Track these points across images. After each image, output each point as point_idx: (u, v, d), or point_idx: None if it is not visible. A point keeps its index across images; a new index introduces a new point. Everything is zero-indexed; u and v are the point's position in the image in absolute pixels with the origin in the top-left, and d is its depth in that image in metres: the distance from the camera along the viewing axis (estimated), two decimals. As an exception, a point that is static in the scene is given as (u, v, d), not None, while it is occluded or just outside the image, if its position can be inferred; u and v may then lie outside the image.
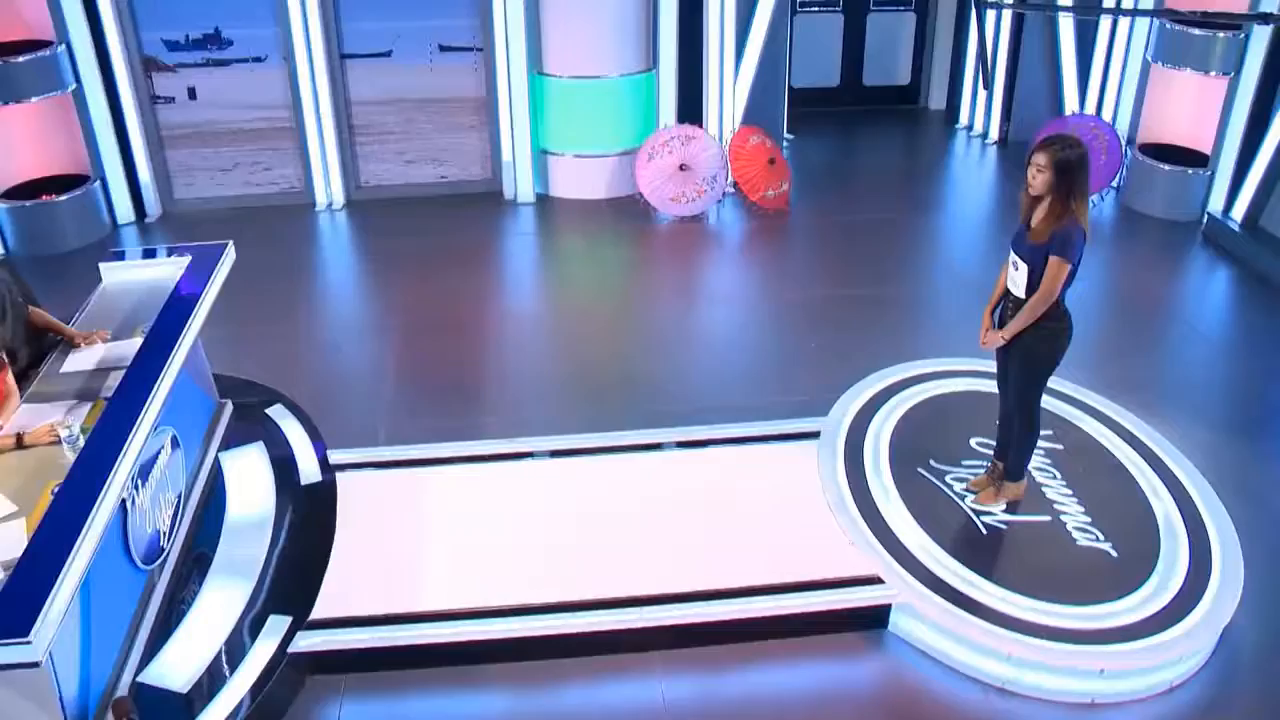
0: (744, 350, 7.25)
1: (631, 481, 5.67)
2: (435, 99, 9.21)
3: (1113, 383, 6.48)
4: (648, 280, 8.44)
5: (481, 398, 6.66)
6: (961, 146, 10.72)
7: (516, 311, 7.84)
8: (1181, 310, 7.86)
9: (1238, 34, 8.44)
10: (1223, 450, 6.06)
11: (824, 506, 5.39)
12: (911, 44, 11.37)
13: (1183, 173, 8.94)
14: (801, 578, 4.93)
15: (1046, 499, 5.40)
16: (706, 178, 8.97)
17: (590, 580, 4.95)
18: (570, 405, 6.54)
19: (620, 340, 7.36)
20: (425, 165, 9.43)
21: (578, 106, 9.13)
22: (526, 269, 8.65)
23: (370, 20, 8.82)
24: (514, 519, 5.38)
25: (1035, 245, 4.73)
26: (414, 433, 6.17)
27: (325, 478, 5.55)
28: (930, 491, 5.48)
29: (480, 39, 8.97)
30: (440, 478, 5.69)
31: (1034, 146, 4.72)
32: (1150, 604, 4.76)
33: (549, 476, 5.72)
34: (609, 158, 9.30)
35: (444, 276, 8.09)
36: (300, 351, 7.14)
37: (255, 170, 9.20)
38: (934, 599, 4.79)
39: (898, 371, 6.49)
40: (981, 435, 5.79)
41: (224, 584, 4.83)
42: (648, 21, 9.00)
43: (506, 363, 7.10)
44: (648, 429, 6.09)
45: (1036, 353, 4.94)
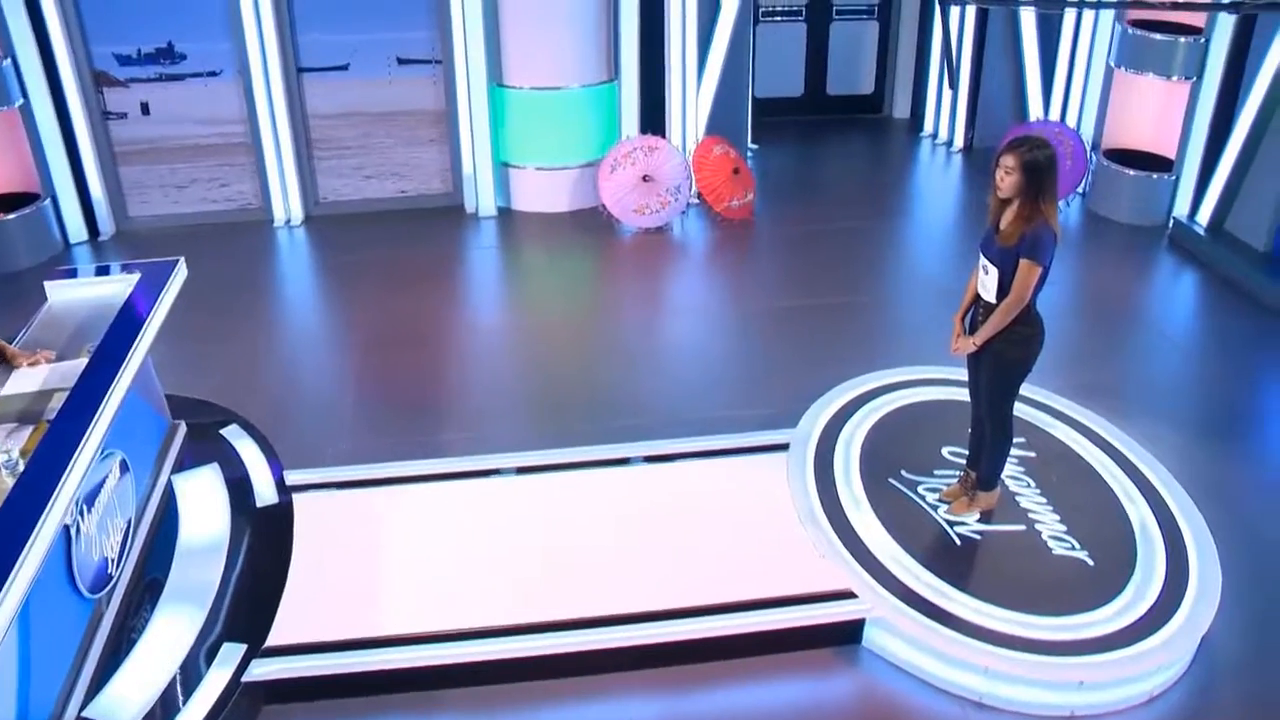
0: (711, 362, 7.15)
1: (599, 498, 5.53)
2: (394, 112, 9.07)
3: (1083, 388, 6.42)
4: (612, 293, 8.33)
5: (444, 414, 6.52)
6: (926, 154, 10.68)
7: (479, 326, 7.70)
8: (1149, 314, 7.83)
9: (1199, 38, 8.44)
10: (1194, 454, 6.01)
11: (794, 520, 5.28)
12: (875, 53, 11.34)
13: (1147, 177, 8.93)
14: (773, 593, 4.80)
15: (1020, 508, 5.31)
16: (670, 188, 8.87)
17: (557, 601, 4.81)
18: (535, 421, 6.41)
19: (585, 354, 7.23)
20: (385, 180, 9.29)
21: (539, 118, 9.02)
22: (489, 283, 8.52)
23: (327, 33, 8.68)
24: (478, 539, 5.23)
25: (1005, 248, 4.64)
26: (374, 451, 6.01)
27: (282, 499, 5.39)
28: (902, 502, 5.38)
29: (439, 51, 8.84)
30: (402, 497, 5.53)
31: (1001, 148, 4.64)
32: (1128, 613, 4.67)
33: (514, 494, 5.58)
34: (571, 170, 9.19)
35: (405, 292, 7.94)
36: (257, 370, 6.97)
37: (212, 187, 9.02)
38: (908, 612, 4.67)
39: (867, 381, 6.40)
40: (953, 444, 5.70)
41: (176, 611, 4.66)
42: (609, 31, 8.91)
43: (470, 378, 6.95)
44: (614, 443, 5.97)
45: (1008, 358, 4.85)
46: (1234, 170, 8.31)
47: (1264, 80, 7.99)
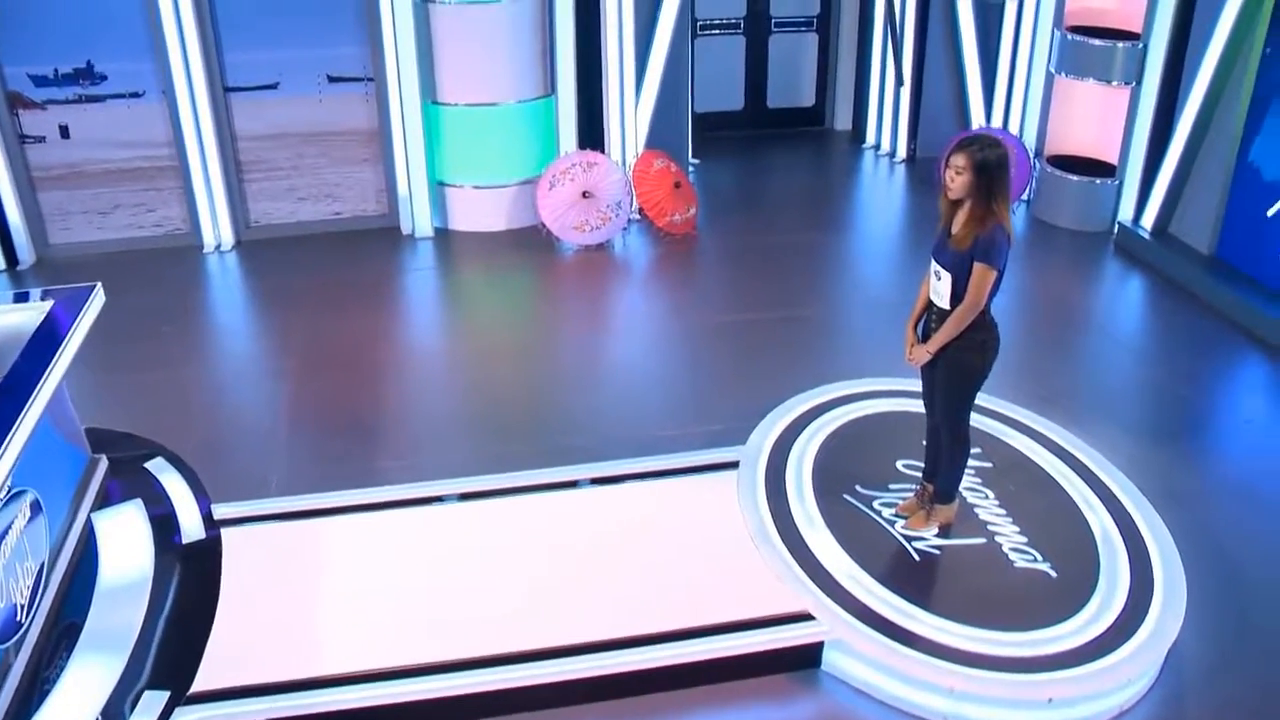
0: (657, 380, 6.96)
1: (545, 523, 5.32)
2: (326, 132, 8.81)
3: (1037, 395, 6.33)
4: (554, 312, 8.12)
5: (382, 441, 6.27)
6: (870, 165, 10.60)
7: (418, 350, 7.47)
8: (1099, 320, 7.78)
9: (1137, 43, 8.43)
10: (1150, 458, 5.93)
11: (747, 540, 5.09)
12: (815, 65, 11.24)
13: (1091, 183, 8.90)
14: (727, 618, 4.61)
15: (980, 520, 5.16)
16: (611, 204, 8.69)
17: (504, 633, 4.58)
18: (478, 445, 6.18)
19: (528, 376, 7.02)
20: (318, 202, 9.02)
21: (475, 135, 8.81)
22: (427, 305, 8.28)
23: (254, 51, 8.41)
24: (420, 570, 5.00)
25: (958, 252, 4.50)
26: (309, 481, 5.75)
27: (209, 534, 5.11)
28: (858, 519, 5.21)
29: (371, 68, 8.60)
30: (338, 529, 5.28)
31: (951, 148, 4.51)
32: (1095, 624, 4.53)
33: (457, 522, 5.35)
34: (509, 188, 8.98)
35: (341, 316, 7.69)
36: (186, 400, 6.67)
37: (138, 212, 8.70)
38: (868, 633, 4.50)
39: (817, 395, 6.25)
40: (908, 457, 5.55)
41: (95, 658, 4.37)
42: (544, 45, 8.72)
43: (409, 403, 6.71)
44: (560, 466, 5.75)
45: (964, 366, 4.71)
46: (1176, 174, 8.29)
47: (1202, 84, 7.98)
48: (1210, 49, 7.89)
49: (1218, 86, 7.93)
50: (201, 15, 8.12)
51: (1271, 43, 7.52)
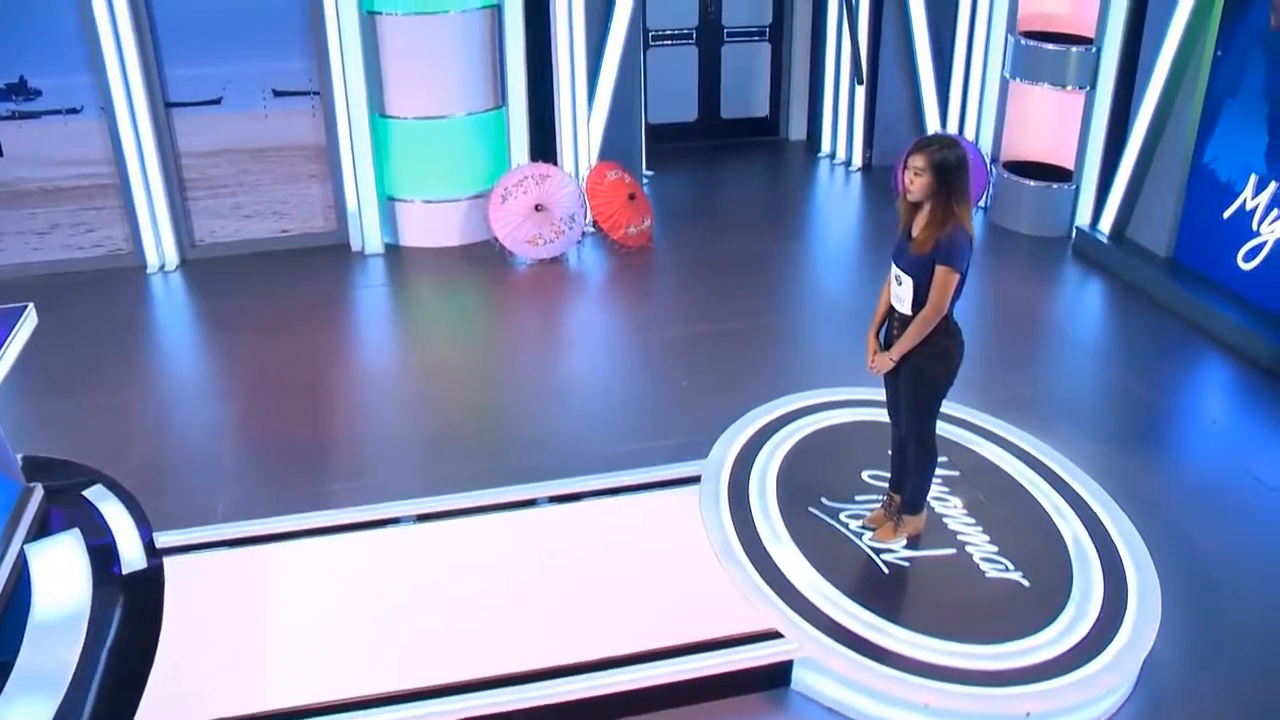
0: (615, 395, 6.82)
1: (504, 544, 5.14)
2: (272, 148, 8.60)
3: (1001, 402, 6.24)
4: (508, 328, 7.95)
5: (334, 463, 6.07)
6: (825, 175, 10.53)
7: (370, 369, 7.27)
8: (1060, 324, 7.74)
9: (1090, 48, 8.42)
10: (1117, 462, 5.86)
11: (711, 557, 4.94)
12: (768, 75, 11.17)
13: (1048, 188, 8.88)
14: (692, 638, 4.45)
15: (949, 530, 5.04)
16: (564, 217, 8.54)
17: (464, 659, 4.40)
18: (433, 465, 6.00)
19: (483, 393, 6.85)
20: (265, 219, 8.80)
21: (424, 149, 8.64)
22: (379, 323, 8.08)
23: (196, 66, 8.19)
24: (375, 595, 4.80)
25: (919, 256, 4.39)
26: (257, 506, 5.53)
27: (151, 564, 4.88)
28: (824, 532, 5.08)
29: (317, 82, 8.41)
30: (289, 554, 5.07)
31: (910, 149, 4.40)
32: (1071, 634, 4.42)
33: (413, 544, 5.16)
34: (460, 202, 8.81)
35: (290, 336, 7.48)
36: (128, 425, 6.44)
37: (77, 232, 8.45)
38: (839, 650, 4.36)
39: (778, 406, 6.12)
40: (873, 468, 5.43)
41: (26, 698, 4.13)
42: (494, 56, 8.58)
43: (361, 424, 6.52)
44: (518, 485, 5.57)
45: (928, 373, 4.59)
46: (1132, 178, 8.28)
47: (1155, 87, 7.98)
48: (1162, 53, 7.89)
49: (1171, 90, 7.92)
50: (141, 28, 7.90)
51: (1222, 45, 7.52)
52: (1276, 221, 7.20)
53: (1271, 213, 7.23)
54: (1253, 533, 5.40)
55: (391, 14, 8.18)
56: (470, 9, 8.29)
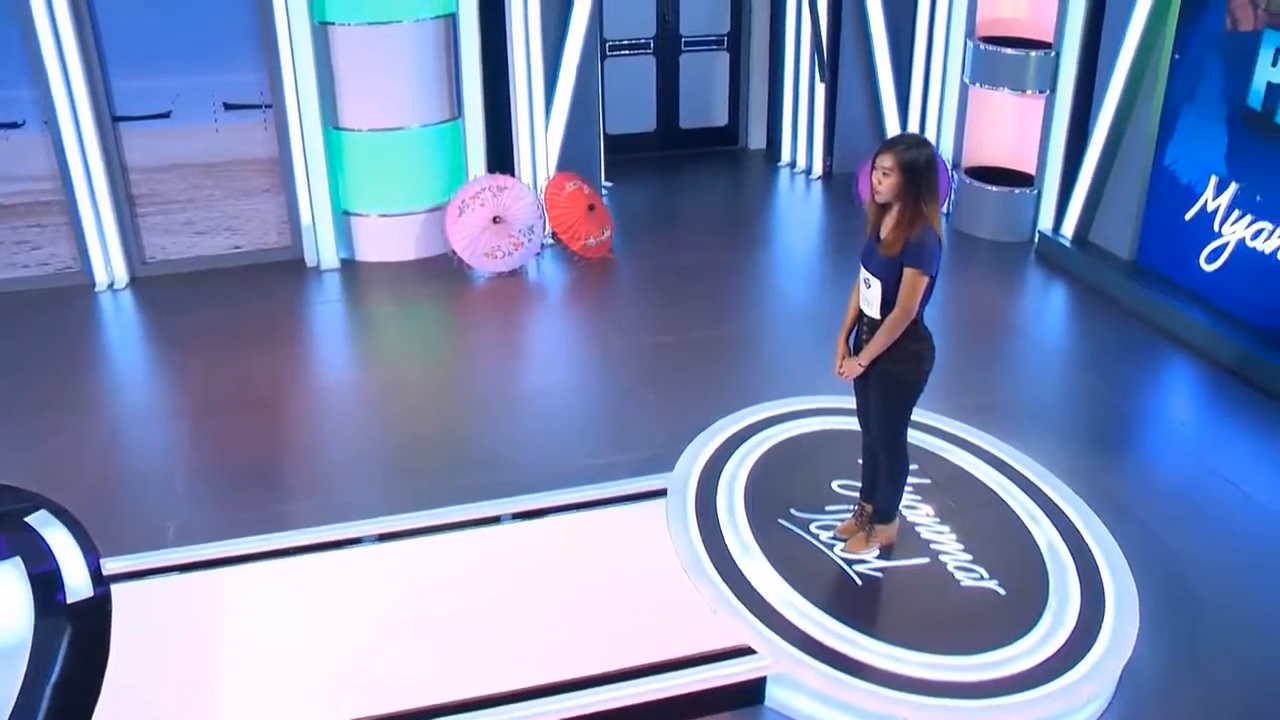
0: (578, 408, 6.69)
1: (469, 562, 5.00)
2: (223, 162, 8.40)
3: (970, 408, 6.18)
4: (468, 343, 7.80)
5: (291, 483, 5.91)
6: (785, 183, 10.46)
7: (327, 386, 7.10)
8: (1025, 329, 7.71)
9: (1049, 52, 8.41)
10: (1088, 466, 5.81)
11: (679, 571, 4.82)
12: (727, 84, 11.10)
13: (1010, 193, 8.85)
14: (662, 656, 4.33)
15: (922, 539, 4.96)
16: (523, 229, 8.41)
17: (428, 682, 4.26)
18: (393, 483, 5.85)
19: (443, 409, 6.70)
20: (217, 235, 8.60)
21: (379, 161, 8.47)
22: (335, 340, 7.91)
23: (144, 79, 7.98)
24: (336, 618, 4.65)
25: (888, 258, 4.30)
26: (211, 529, 5.36)
27: (98, 591, 4.70)
28: (795, 544, 4.97)
29: (269, 94, 8.23)
30: (244, 578, 4.91)
31: (878, 149, 4.31)
32: (1049, 642, 4.34)
33: (375, 565, 5.01)
34: (417, 215, 8.65)
35: (244, 354, 7.29)
36: (75, 448, 6.23)
37: (21, 250, 8.20)
38: (813, 664, 4.26)
39: (744, 416, 6.03)
40: (844, 477, 5.34)
41: (-34, 736, 3.97)
42: (449, 67, 8.44)
43: (319, 442, 6.36)
44: (481, 502, 5.43)
45: (899, 379, 4.50)
46: (1094, 181, 8.26)
47: (1115, 91, 7.97)
48: (1121, 56, 7.88)
49: (1130, 93, 7.92)
50: (85, 40, 7.69)
51: (1180, 48, 7.52)
52: (1238, 222, 7.19)
53: (1233, 214, 7.22)
54: (1225, 535, 5.36)
55: (344, 24, 8.03)
56: (424, 18, 8.15)
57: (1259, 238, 7.05)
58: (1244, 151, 7.11)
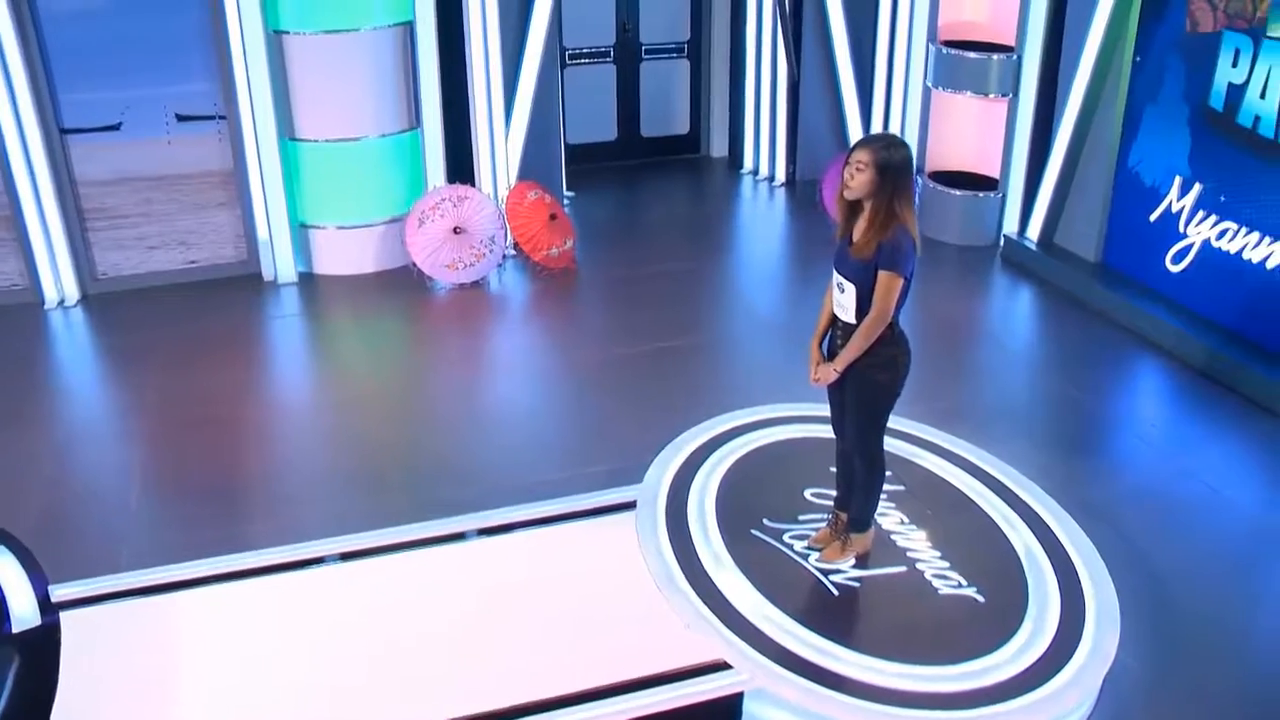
0: (543, 421, 6.57)
1: (435, 580, 4.86)
2: (177, 175, 8.21)
3: (942, 413, 6.11)
4: (430, 356, 7.65)
5: (250, 502, 5.74)
6: (749, 191, 10.40)
7: (286, 403, 6.93)
8: (994, 333, 7.69)
9: (1011, 55, 8.39)
10: (1062, 469, 5.77)
11: (651, 585, 4.70)
12: (688, 92, 11.03)
13: (974, 197, 8.82)
14: (636, 673, 4.20)
15: (898, 547, 4.87)
16: (484, 240, 8.28)
17: (398, 705, 4.12)
18: (355, 501, 5.69)
19: (406, 424, 6.55)
20: (171, 250, 8.41)
21: (336, 173, 8.32)
22: (293, 355, 7.74)
23: (92, 90, 7.78)
24: (299, 640, 4.49)
25: (861, 261, 4.22)
26: (167, 551, 5.17)
27: (46, 619, 4.52)
28: (769, 554, 4.87)
29: (222, 105, 8.06)
30: (202, 601, 4.74)
31: (854, 145, 4.23)
32: (1031, 649, 4.26)
33: (337, 585, 4.85)
34: (376, 227, 8.50)
35: (200, 371, 7.11)
36: (24, 471, 6.03)
37: (-34, 269, 8.01)
38: (791, 679, 4.15)
39: (713, 425, 5.91)
40: (817, 485, 5.25)
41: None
42: (407, 76, 8.31)
43: (278, 460, 6.20)
44: (446, 518, 5.29)
45: (873, 384, 4.41)
46: (1058, 184, 8.25)
47: (1078, 93, 7.96)
48: (1083, 59, 7.88)
49: (1093, 95, 7.91)
50: (29, 51, 7.48)
51: (1141, 50, 7.53)
52: (1203, 223, 7.18)
53: (1197, 214, 7.22)
54: (1199, 535, 5.33)
55: (299, 33, 7.88)
56: (381, 26, 8.02)
57: (1224, 238, 7.05)
58: (1207, 152, 7.11)
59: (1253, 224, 6.84)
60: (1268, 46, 6.61)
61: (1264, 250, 6.77)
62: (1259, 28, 6.65)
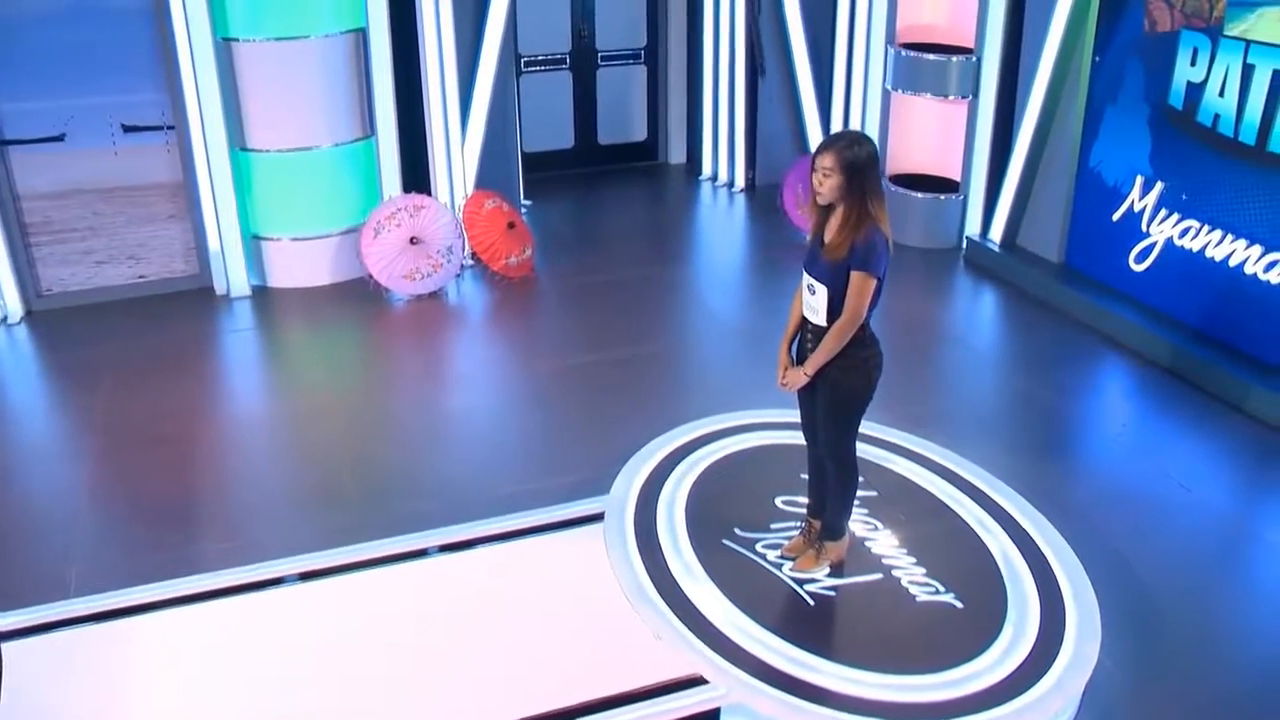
0: (506, 433, 6.42)
1: (399, 599, 4.71)
2: (124, 187, 7.99)
3: (911, 417, 6.04)
4: (388, 369, 7.49)
5: (205, 522, 5.55)
6: (708, 197, 10.32)
7: (240, 419, 6.73)
8: (959, 335, 7.63)
9: (970, 57, 8.37)
10: (1034, 471, 5.70)
11: (622, 599, 4.58)
12: (645, 98, 10.94)
13: (935, 199, 8.78)
14: (608, 691, 4.08)
15: (873, 554, 4.77)
16: (442, 249, 8.13)
17: (351, 732, 3.96)
18: (314, 518, 5.52)
19: (365, 439, 6.38)
20: (120, 264, 8.18)
21: (289, 183, 8.13)
22: (248, 370, 7.54)
23: (34, 99, 7.55)
24: (257, 665, 4.33)
25: (833, 262, 4.12)
26: (117, 576, 4.98)
27: (-10, 650, 4.34)
28: (741, 565, 4.76)
29: (171, 115, 7.86)
30: (154, 627, 4.56)
31: (817, 149, 4.13)
32: (1013, 655, 4.18)
33: (296, 606, 4.69)
34: (331, 238, 8.33)
35: (151, 388, 6.90)
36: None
37: (-96, 286, 7.75)
38: (769, 692, 4.04)
39: (680, 434, 5.81)
40: (788, 493, 5.15)
41: None
42: (361, 83, 8.15)
43: (233, 479, 6.01)
44: (408, 534, 5.15)
45: (846, 388, 4.32)
46: (1020, 185, 8.22)
47: (1038, 94, 7.94)
48: (1043, 59, 7.86)
49: (1053, 96, 7.90)
50: (-34, 60, 7.29)
51: (1100, 50, 7.51)
52: (1165, 221, 7.17)
53: (1160, 213, 7.20)
54: (1174, 533, 5.29)
55: (249, 40, 7.70)
56: (333, 33, 7.86)
57: (1186, 236, 7.03)
58: (1168, 151, 7.10)
59: (1215, 222, 6.83)
60: (1225, 45, 6.61)
61: (1226, 248, 6.76)
62: (1216, 27, 6.65)
